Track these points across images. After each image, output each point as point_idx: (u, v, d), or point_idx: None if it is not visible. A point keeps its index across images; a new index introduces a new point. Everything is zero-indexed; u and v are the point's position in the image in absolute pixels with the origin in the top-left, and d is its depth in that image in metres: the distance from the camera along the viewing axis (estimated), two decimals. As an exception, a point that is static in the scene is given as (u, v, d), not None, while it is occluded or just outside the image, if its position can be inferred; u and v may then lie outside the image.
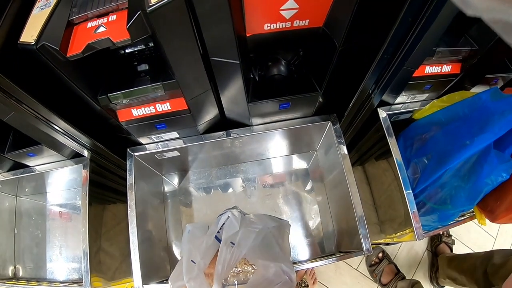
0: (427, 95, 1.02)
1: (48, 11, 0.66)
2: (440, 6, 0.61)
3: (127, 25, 0.58)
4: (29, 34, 0.63)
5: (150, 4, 0.54)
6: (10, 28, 0.65)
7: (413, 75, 0.86)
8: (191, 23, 0.59)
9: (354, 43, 0.70)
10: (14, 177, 1.09)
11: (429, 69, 0.90)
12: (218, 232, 0.88)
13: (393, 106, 1.03)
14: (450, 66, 0.93)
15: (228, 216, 0.88)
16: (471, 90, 1.06)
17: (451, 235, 1.80)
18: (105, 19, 0.64)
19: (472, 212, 1.07)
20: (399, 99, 1.00)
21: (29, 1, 0.70)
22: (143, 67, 0.76)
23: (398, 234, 1.10)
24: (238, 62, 0.66)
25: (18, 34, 0.63)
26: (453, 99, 0.99)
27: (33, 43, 0.61)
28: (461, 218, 1.09)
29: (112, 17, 0.64)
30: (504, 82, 1.06)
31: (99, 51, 0.63)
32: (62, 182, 1.26)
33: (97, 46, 0.63)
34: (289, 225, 1.03)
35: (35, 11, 0.68)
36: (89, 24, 0.65)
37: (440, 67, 0.92)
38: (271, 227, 0.93)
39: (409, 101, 1.03)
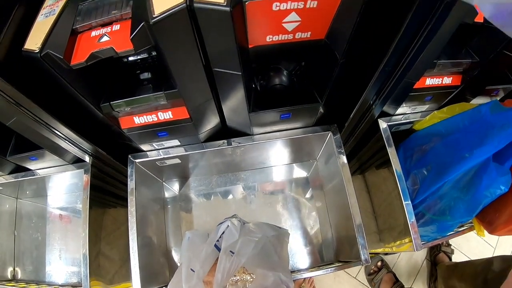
0: (427, 106, 1.02)
1: (52, 19, 0.67)
2: (442, 20, 0.61)
3: (130, 35, 0.59)
4: (33, 41, 0.63)
5: (153, 15, 0.55)
6: (14, 35, 0.66)
7: (414, 87, 0.86)
8: (194, 35, 0.59)
9: (356, 55, 0.70)
10: (16, 180, 1.09)
11: (430, 81, 0.91)
12: (218, 240, 0.88)
13: (394, 117, 1.03)
14: (451, 78, 0.93)
15: (228, 225, 0.88)
16: (471, 102, 1.06)
17: (450, 245, 1.80)
18: (108, 29, 0.65)
19: (471, 223, 1.07)
20: (399, 110, 1.00)
21: (33, 8, 0.70)
22: (146, 75, 0.77)
23: (397, 243, 1.10)
24: (240, 73, 0.67)
25: (23, 41, 0.64)
26: (453, 110, 0.99)
27: (37, 51, 0.61)
28: (460, 229, 1.09)
29: (116, 27, 0.64)
30: (505, 93, 1.06)
31: (102, 60, 0.64)
32: (63, 185, 1.27)
33: (101, 55, 0.63)
34: (288, 234, 1.03)
35: (40, 18, 0.69)
36: (93, 33, 0.66)
37: (441, 79, 0.92)
38: (270, 236, 0.93)
39: (409, 112, 1.04)
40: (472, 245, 1.85)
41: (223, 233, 0.88)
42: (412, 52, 0.70)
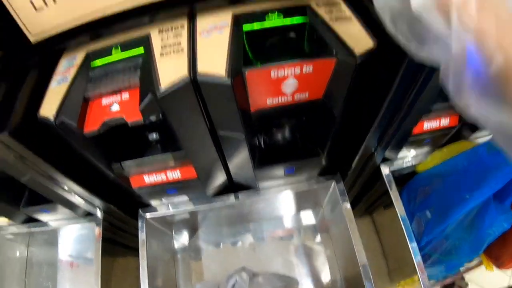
0: (428, 148, 1.04)
1: (65, 86, 0.69)
2: (432, 73, 0.64)
3: (139, 107, 0.63)
4: (48, 108, 0.67)
5: (160, 89, 0.59)
6: (29, 99, 0.70)
7: (413, 132, 0.89)
8: (198, 104, 0.63)
9: (353, 111, 0.74)
10: (28, 230, 1.11)
11: (428, 125, 0.93)
12: (228, 295, 0.89)
13: (395, 162, 1.05)
14: (448, 119, 0.95)
15: (236, 279, 0.89)
16: (472, 136, 1.08)
17: (464, 278, 1.77)
18: (118, 97, 0.68)
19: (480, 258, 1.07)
20: (400, 154, 1.02)
21: (46, 74, 0.74)
22: (154, 136, 0.80)
23: (408, 281, 1.10)
24: (243, 136, 0.70)
25: (37, 105, 0.68)
26: (453, 150, 1.01)
27: (52, 119, 0.65)
28: (470, 265, 1.09)
29: (125, 95, 0.68)
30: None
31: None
32: (74, 235, 1.28)
33: (112, 124, 0.67)
34: (297, 282, 1.03)
35: (53, 84, 0.72)
36: (104, 101, 0.69)
37: (438, 121, 0.94)
38: (279, 286, 0.94)
39: (410, 155, 1.06)
40: (487, 276, 1.82)
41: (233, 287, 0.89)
42: (406, 104, 0.73)
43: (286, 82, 0.65)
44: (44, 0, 0.62)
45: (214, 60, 0.60)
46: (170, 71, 0.61)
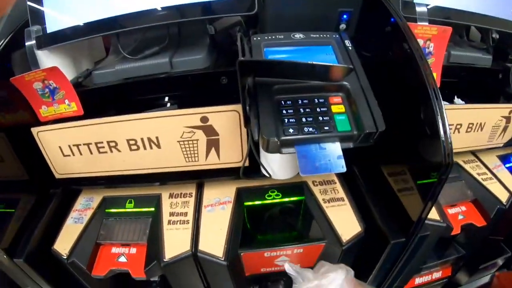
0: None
1: (80, 227, 0.77)
2: (418, 247, 0.69)
3: (144, 268, 0.69)
4: (62, 245, 0.73)
5: (165, 259, 0.66)
6: (46, 229, 0.76)
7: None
8: (197, 271, 0.70)
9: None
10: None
11: (419, 280, 0.96)
12: None
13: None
14: (440, 272, 0.98)
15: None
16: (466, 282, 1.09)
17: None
18: (126, 249, 0.75)
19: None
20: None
21: (65, 204, 0.82)
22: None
23: None
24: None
25: (53, 236, 0.75)
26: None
27: (65, 257, 0.71)
28: None
29: (133, 250, 0.75)
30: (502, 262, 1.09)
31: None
32: None
33: (118, 272, 0.73)
34: None
35: (69, 221, 0.79)
36: (113, 249, 0.76)
37: (430, 275, 0.97)
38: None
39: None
40: None
41: None
42: (395, 271, 0.77)
43: (278, 259, 0.71)
44: (72, 150, 0.72)
45: (215, 240, 0.67)
46: (175, 243, 0.68)
